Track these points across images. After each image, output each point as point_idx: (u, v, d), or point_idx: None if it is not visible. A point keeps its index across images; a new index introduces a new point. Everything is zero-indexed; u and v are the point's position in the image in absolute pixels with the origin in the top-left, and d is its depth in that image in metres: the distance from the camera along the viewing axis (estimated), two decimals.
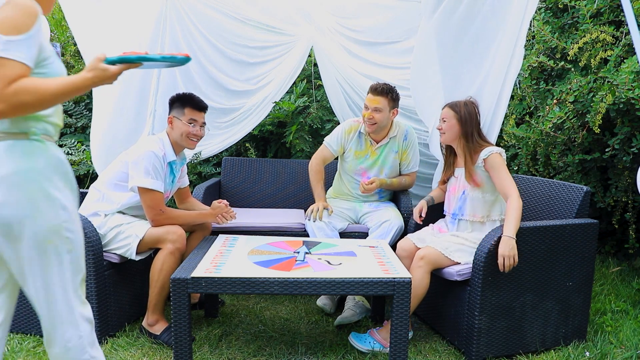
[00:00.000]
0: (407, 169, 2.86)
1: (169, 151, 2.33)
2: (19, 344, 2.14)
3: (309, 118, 3.61)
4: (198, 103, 2.37)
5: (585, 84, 2.81)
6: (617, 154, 2.79)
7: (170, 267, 2.17)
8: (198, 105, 2.37)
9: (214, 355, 2.13)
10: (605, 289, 2.91)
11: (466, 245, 2.19)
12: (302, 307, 2.67)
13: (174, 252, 2.18)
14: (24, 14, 1.19)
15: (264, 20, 3.18)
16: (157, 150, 2.25)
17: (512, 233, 2.01)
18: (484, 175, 2.26)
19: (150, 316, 2.23)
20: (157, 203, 2.21)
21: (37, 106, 1.22)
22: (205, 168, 3.64)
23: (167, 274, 2.17)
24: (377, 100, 2.60)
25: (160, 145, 2.30)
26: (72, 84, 1.25)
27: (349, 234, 2.69)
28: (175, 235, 2.19)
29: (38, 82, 1.20)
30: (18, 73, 1.17)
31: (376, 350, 2.16)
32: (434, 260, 2.15)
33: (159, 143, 2.30)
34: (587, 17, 2.98)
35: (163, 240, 2.19)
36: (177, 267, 2.15)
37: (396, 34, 3.24)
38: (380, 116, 2.62)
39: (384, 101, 2.60)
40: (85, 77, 1.27)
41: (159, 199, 2.22)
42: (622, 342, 2.26)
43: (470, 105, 2.33)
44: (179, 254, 2.21)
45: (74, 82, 1.25)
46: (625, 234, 3.17)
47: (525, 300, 2.10)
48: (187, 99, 2.37)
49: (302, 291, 1.83)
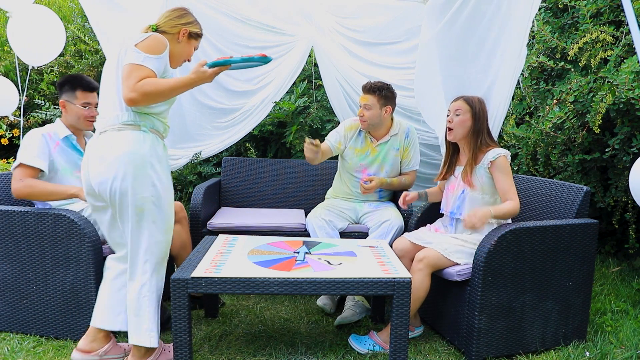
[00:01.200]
0: (408, 167, 2.86)
1: (61, 128, 2.31)
2: (19, 344, 2.14)
3: (309, 118, 3.62)
4: (89, 84, 2.32)
5: (585, 84, 2.82)
6: (617, 154, 2.79)
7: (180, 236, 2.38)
8: (89, 87, 2.32)
9: (214, 355, 2.13)
10: (605, 289, 2.91)
11: (466, 247, 2.19)
12: (302, 307, 2.67)
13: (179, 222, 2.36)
14: (159, 43, 1.82)
15: (264, 21, 3.18)
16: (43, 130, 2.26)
17: (494, 212, 2.09)
18: (486, 176, 2.24)
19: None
20: (21, 174, 2.17)
21: (157, 95, 1.75)
22: (205, 168, 3.64)
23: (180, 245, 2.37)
24: (366, 98, 2.66)
25: (49, 130, 2.29)
26: (180, 81, 1.79)
27: (349, 234, 2.70)
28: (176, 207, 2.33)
29: (157, 79, 1.77)
30: (147, 75, 1.75)
31: (376, 351, 2.16)
32: (434, 262, 2.15)
33: (48, 129, 2.30)
34: (587, 17, 2.98)
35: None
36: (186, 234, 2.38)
37: (396, 34, 3.24)
38: (370, 113, 2.65)
39: (372, 99, 2.64)
40: (190, 77, 1.80)
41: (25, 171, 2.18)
42: (622, 342, 2.26)
43: (483, 103, 2.29)
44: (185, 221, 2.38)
45: (182, 80, 1.80)
46: (625, 234, 3.17)
47: (525, 300, 2.10)
48: (77, 81, 2.31)
49: (302, 291, 1.83)
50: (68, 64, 4.36)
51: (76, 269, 2.12)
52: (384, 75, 3.20)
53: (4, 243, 2.17)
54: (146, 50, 1.78)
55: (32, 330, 2.22)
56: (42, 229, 2.12)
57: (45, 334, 2.21)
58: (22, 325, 2.22)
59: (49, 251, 2.13)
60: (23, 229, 2.14)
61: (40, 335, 2.21)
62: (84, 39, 4.18)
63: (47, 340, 2.19)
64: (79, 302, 2.14)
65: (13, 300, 2.21)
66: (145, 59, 1.77)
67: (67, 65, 4.40)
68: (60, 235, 2.11)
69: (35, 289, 2.17)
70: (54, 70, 4.40)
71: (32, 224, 2.12)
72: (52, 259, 2.13)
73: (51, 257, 2.13)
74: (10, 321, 2.23)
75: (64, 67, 4.43)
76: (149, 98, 1.75)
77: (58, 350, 2.11)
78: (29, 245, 2.14)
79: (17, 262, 2.17)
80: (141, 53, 1.77)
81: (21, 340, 2.17)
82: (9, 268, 2.18)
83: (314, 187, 3.24)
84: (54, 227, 2.10)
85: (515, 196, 2.16)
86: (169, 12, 2.01)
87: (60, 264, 2.13)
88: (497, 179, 2.20)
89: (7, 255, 2.17)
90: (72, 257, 2.11)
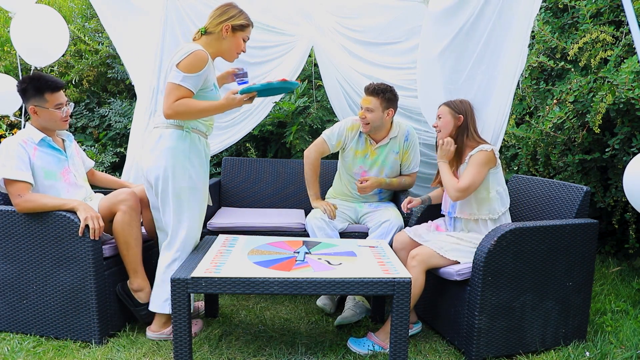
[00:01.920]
0: (408, 169, 2.86)
1: (36, 133, 2.22)
2: (19, 344, 2.14)
3: (309, 118, 3.61)
4: (55, 83, 2.22)
5: (585, 84, 2.81)
6: (617, 154, 2.79)
7: (128, 224, 2.19)
8: (56, 86, 2.22)
9: (214, 355, 2.13)
10: (605, 289, 2.91)
11: (462, 245, 2.19)
12: (302, 307, 2.67)
13: (127, 211, 2.19)
14: (197, 61, 2.01)
15: (264, 21, 3.17)
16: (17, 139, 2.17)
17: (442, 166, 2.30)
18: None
19: (132, 281, 2.26)
20: (16, 190, 2.10)
21: (189, 114, 2.06)
22: None
23: (128, 232, 2.20)
24: (368, 100, 2.62)
25: (23, 137, 2.19)
26: (211, 105, 2.07)
27: (349, 234, 2.70)
28: (123, 195, 2.21)
29: (192, 101, 2.03)
30: (184, 95, 2.01)
31: (377, 351, 2.16)
32: (426, 259, 2.16)
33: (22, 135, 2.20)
34: (587, 17, 2.98)
35: (114, 204, 2.20)
36: (135, 224, 2.22)
37: (397, 34, 3.24)
38: (372, 116, 2.63)
39: (375, 101, 2.60)
40: (221, 102, 2.07)
41: (16, 186, 2.10)
42: (622, 342, 2.26)
43: (465, 103, 2.37)
44: (133, 212, 2.20)
45: (213, 104, 2.07)
46: (625, 234, 3.17)
47: (525, 300, 2.10)
48: (42, 84, 2.20)
49: (302, 291, 1.83)
50: (68, 64, 4.36)
51: (76, 269, 2.12)
52: (384, 75, 3.19)
53: (4, 243, 2.17)
54: (185, 69, 2.00)
55: (32, 330, 2.22)
56: (42, 229, 2.12)
57: (45, 334, 2.21)
58: (22, 325, 2.22)
59: (49, 251, 2.13)
60: (23, 229, 2.14)
61: (40, 335, 2.21)
62: (84, 39, 4.18)
63: (47, 340, 2.19)
64: (79, 302, 2.14)
65: (13, 300, 2.21)
66: (184, 79, 2.00)
67: (67, 65, 4.40)
68: (60, 235, 2.11)
69: (35, 289, 2.17)
70: (54, 70, 4.40)
71: (32, 224, 2.12)
72: (52, 259, 2.13)
73: (51, 257, 2.13)
74: (10, 321, 2.23)
75: (64, 67, 4.43)
76: (182, 116, 2.06)
77: (58, 350, 2.11)
78: (29, 246, 2.14)
79: (17, 262, 2.17)
80: (180, 73, 2.00)
81: (21, 340, 2.17)
82: (9, 268, 2.18)
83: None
84: (54, 227, 2.11)
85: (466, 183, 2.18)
86: (213, 12, 2.16)
87: (60, 264, 2.13)
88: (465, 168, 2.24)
89: (7, 255, 2.17)
90: (72, 257, 2.11)
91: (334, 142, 2.78)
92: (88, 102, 4.20)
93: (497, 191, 2.28)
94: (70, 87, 4.25)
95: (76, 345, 2.16)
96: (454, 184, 2.24)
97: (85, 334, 2.16)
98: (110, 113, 3.93)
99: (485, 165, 2.22)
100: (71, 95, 4.36)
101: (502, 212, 2.29)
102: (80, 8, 4.57)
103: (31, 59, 3.00)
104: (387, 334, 2.19)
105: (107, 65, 4.24)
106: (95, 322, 2.14)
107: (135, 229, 2.22)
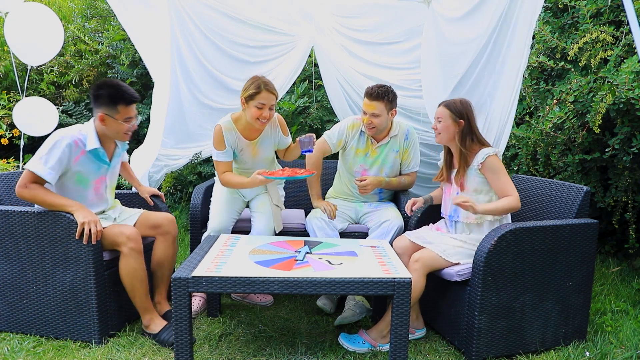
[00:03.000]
0: (408, 168, 2.85)
1: (92, 139, 2.18)
2: (19, 344, 2.14)
3: (309, 118, 3.62)
4: (131, 96, 2.18)
5: (585, 84, 2.82)
6: (617, 154, 2.79)
7: (133, 269, 2.16)
8: (131, 100, 2.18)
9: (214, 355, 2.13)
10: (605, 289, 2.91)
11: (465, 247, 2.19)
12: (302, 307, 2.67)
13: (129, 254, 2.15)
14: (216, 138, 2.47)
15: (264, 21, 3.17)
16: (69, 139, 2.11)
17: (482, 210, 2.12)
18: (479, 178, 2.24)
19: (143, 319, 2.25)
20: (28, 179, 2.07)
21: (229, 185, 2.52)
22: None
23: (133, 276, 2.17)
24: (373, 105, 2.57)
25: (78, 135, 2.15)
26: (241, 182, 2.46)
27: (349, 234, 2.69)
28: (124, 237, 2.15)
29: (231, 177, 2.50)
30: (220, 168, 2.52)
31: (377, 350, 2.17)
32: (429, 263, 2.15)
33: (78, 134, 2.15)
34: (587, 17, 2.98)
35: (117, 243, 2.17)
36: (139, 267, 2.17)
37: (397, 34, 3.24)
38: (378, 120, 2.61)
39: (380, 106, 2.57)
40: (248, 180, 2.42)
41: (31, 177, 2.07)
42: (622, 342, 2.26)
43: (466, 104, 2.30)
44: (135, 253, 2.16)
45: (242, 181, 2.46)
46: (625, 234, 3.17)
47: (525, 300, 2.10)
48: (118, 95, 2.15)
49: (303, 291, 1.83)
50: (68, 64, 4.36)
51: (76, 269, 2.12)
52: (384, 75, 3.20)
53: (4, 243, 2.17)
54: (214, 147, 2.47)
55: (32, 330, 2.22)
56: (42, 229, 2.12)
57: (45, 334, 2.21)
58: (22, 325, 2.22)
59: (49, 251, 2.13)
60: (23, 229, 2.13)
61: (40, 335, 2.21)
62: (84, 39, 4.18)
63: (47, 340, 2.19)
64: (79, 302, 2.14)
65: (13, 300, 2.21)
66: (217, 155, 2.49)
67: (67, 65, 4.40)
68: (60, 235, 2.11)
69: (35, 289, 2.17)
70: (54, 70, 4.40)
71: (32, 224, 2.12)
72: (52, 259, 2.13)
73: (51, 257, 2.13)
74: (10, 321, 2.23)
75: (64, 67, 4.43)
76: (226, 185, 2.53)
77: (58, 350, 2.11)
78: (29, 245, 2.14)
79: (17, 262, 2.17)
80: (214, 150, 2.48)
81: (21, 340, 2.17)
82: (9, 268, 2.18)
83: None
84: (54, 227, 2.10)
85: (514, 191, 2.16)
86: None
87: (60, 264, 2.13)
88: (491, 180, 2.20)
89: (7, 255, 2.17)
90: (72, 257, 2.11)
91: (335, 141, 2.77)
92: (88, 102, 4.19)
93: None
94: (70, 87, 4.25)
95: (76, 345, 2.16)
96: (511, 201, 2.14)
97: (85, 334, 2.16)
98: None
99: (503, 166, 2.20)
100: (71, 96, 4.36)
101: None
102: (80, 8, 4.57)
103: (25, 58, 2.98)
104: (379, 332, 2.19)
105: (107, 65, 4.24)
106: (95, 322, 2.14)
107: (140, 272, 2.19)
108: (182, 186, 3.83)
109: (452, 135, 2.30)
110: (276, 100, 2.44)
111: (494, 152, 2.21)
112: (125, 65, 3.97)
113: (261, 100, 2.35)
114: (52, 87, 4.50)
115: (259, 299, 2.68)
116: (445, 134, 2.30)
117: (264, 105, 2.36)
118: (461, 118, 2.27)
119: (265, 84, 2.38)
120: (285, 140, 2.67)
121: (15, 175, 2.60)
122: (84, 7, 4.54)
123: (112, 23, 4.24)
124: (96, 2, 4.43)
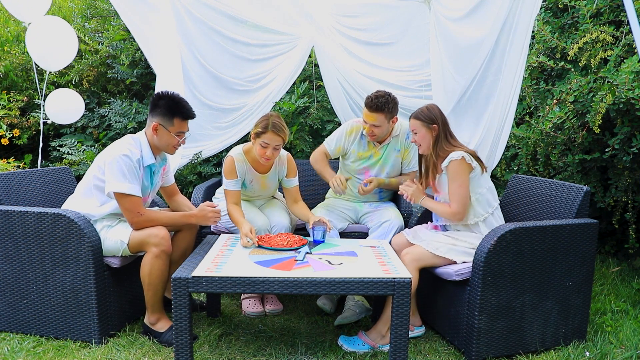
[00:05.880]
0: (408, 168, 2.85)
1: (147, 154, 2.24)
2: (19, 344, 2.14)
3: (309, 118, 3.61)
4: (188, 112, 2.25)
5: (585, 84, 2.82)
6: (617, 154, 2.79)
7: (158, 270, 2.14)
8: (187, 115, 2.25)
9: (214, 355, 2.13)
10: (605, 289, 2.91)
11: (458, 245, 2.19)
12: (302, 307, 2.67)
13: (159, 255, 2.13)
14: (226, 167, 2.49)
15: (265, 21, 3.17)
16: (131, 154, 2.15)
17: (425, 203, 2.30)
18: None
19: (150, 315, 2.23)
20: (135, 206, 2.13)
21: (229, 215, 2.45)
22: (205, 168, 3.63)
23: (157, 277, 2.15)
24: (373, 117, 2.57)
25: (136, 148, 2.20)
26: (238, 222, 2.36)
27: (348, 234, 2.70)
28: (158, 238, 2.13)
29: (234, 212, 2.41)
30: (230, 198, 2.48)
31: (377, 350, 2.17)
32: (418, 257, 2.17)
33: (135, 146, 2.21)
34: (587, 17, 2.98)
35: (147, 243, 2.14)
36: (165, 268, 2.16)
37: (397, 33, 3.24)
38: (379, 130, 2.62)
39: (380, 117, 2.57)
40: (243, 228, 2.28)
41: (136, 202, 2.13)
42: (622, 342, 2.26)
43: (433, 109, 2.31)
44: (165, 256, 2.15)
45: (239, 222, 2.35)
46: (625, 234, 3.17)
47: (525, 300, 2.10)
48: (177, 107, 2.21)
49: (303, 291, 1.83)
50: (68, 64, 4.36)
51: (76, 269, 2.12)
52: (384, 76, 3.19)
53: (4, 243, 2.17)
54: (225, 176, 2.49)
55: (32, 330, 2.22)
56: (42, 229, 2.12)
57: (45, 334, 2.21)
58: (22, 325, 2.22)
59: (49, 251, 2.13)
60: (23, 229, 2.14)
61: (40, 335, 2.21)
62: (84, 39, 4.17)
63: (47, 340, 2.19)
64: (79, 302, 2.14)
65: (13, 300, 2.21)
66: (226, 184, 2.49)
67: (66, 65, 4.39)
68: (60, 235, 2.11)
69: (35, 289, 2.17)
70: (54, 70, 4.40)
71: (32, 224, 2.12)
72: (52, 259, 2.13)
73: (51, 258, 2.13)
74: (10, 321, 2.23)
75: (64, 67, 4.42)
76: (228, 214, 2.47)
77: (58, 350, 2.11)
78: (29, 245, 2.14)
79: (17, 262, 2.17)
80: (224, 179, 2.49)
81: (21, 340, 2.17)
82: (9, 268, 2.18)
83: (314, 187, 3.23)
84: (54, 227, 2.10)
85: (457, 203, 2.17)
86: None
87: (60, 264, 2.13)
88: (448, 184, 2.21)
89: (7, 255, 2.17)
90: (72, 257, 2.11)
91: (333, 147, 2.78)
92: (88, 102, 4.19)
93: (480, 193, 2.23)
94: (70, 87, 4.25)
95: (76, 345, 2.16)
96: (446, 210, 2.21)
97: (85, 334, 2.16)
98: (110, 113, 3.92)
99: (464, 173, 2.17)
100: None
101: (490, 212, 2.25)
102: (80, 8, 4.57)
103: (44, 64, 3.33)
104: (378, 333, 2.20)
105: (107, 65, 4.23)
106: (95, 322, 2.14)
107: (165, 273, 2.19)
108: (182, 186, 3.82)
109: (430, 142, 2.30)
110: (284, 141, 2.42)
111: (459, 156, 2.17)
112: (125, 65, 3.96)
113: (265, 140, 2.36)
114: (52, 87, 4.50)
115: (268, 307, 2.58)
116: (425, 143, 2.31)
117: (268, 145, 2.37)
118: (433, 123, 2.27)
119: (274, 125, 2.36)
120: (289, 181, 2.64)
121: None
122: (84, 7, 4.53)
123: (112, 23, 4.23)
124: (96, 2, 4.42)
